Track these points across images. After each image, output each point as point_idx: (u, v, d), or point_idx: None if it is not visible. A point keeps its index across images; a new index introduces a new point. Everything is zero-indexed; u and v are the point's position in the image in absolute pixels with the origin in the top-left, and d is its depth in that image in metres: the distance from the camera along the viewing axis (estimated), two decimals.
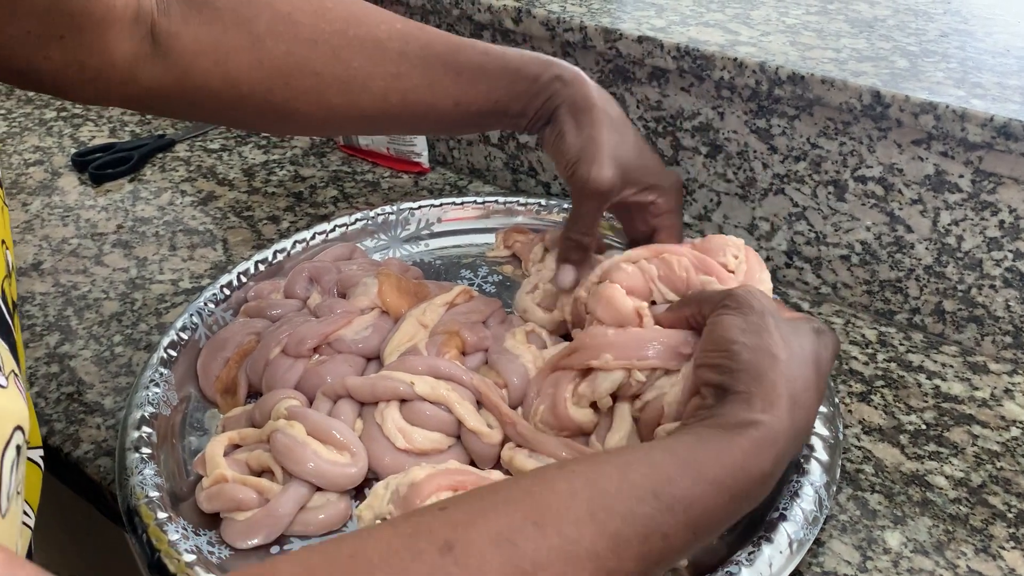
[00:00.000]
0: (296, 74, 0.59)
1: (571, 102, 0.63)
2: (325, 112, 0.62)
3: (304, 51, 0.59)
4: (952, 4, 0.87)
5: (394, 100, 0.63)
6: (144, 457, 0.58)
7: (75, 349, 0.73)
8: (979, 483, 0.61)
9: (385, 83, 0.61)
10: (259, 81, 0.59)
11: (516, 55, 0.64)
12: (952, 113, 0.66)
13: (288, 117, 0.62)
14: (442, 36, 0.63)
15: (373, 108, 0.63)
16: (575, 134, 0.63)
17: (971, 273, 0.72)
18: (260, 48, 0.58)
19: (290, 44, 0.59)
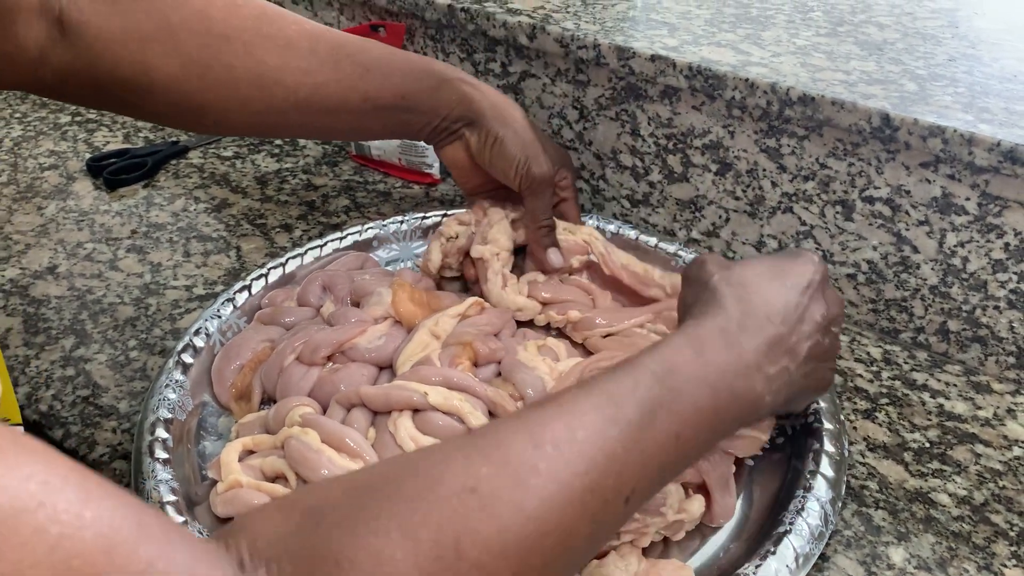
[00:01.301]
0: (210, 67, 0.61)
1: (492, 107, 0.67)
2: (238, 105, 0.64)
3: (218, 44, 0.61)
4: (960, 29, 0.88)
5: (305, 94, 0.65)
6: (160, 461, 0.59)
7: (90, 353, 0.74)
8: (982, 501, 0.62)
9: (296, 78, 0.64)
10: (173, 71, 0.61)
11: (422, 57, 0.69)
12: (960, 137, 0.67)
13: (201, 110, 0.64)
14: (351, 37, 0.66)
15: (285, 102, 0.65)
16: (513, 139, 0.69)
17: (976, 294, 0.73)
18: (174, 39, 0.60)
19: (204, 37, 0.61)
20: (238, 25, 0.62)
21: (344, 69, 0.65)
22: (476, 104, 0.68)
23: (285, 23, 0.64)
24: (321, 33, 0.65)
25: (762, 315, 0.52)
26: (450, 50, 0.93)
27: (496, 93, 0.70)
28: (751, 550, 0.55)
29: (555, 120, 0.90)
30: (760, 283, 0.54)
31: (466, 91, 0.67)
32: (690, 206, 0.85)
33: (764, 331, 0.51)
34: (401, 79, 0.67)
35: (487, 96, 0.69)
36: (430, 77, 0.67)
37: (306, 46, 0.64)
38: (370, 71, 0.66)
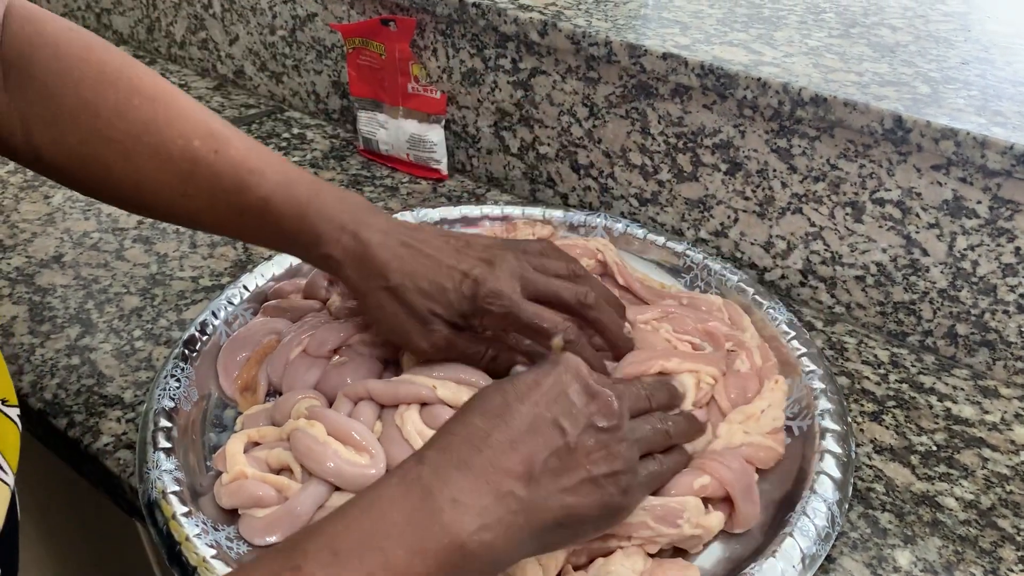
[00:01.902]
0: (90, 163, 0.58)
1: (354, 291, 0.62)
2: (120, 202, 0.62)
3: (98, 145, 0.57)
4: (973, 32, 0.88)
5: (181, 215, 0.61)
6: (165, 451, 0.59)
7: (95, 342, 0.74)
8: (989, 506, 0.62)
9: (172, 199, 0.60)
10: (58, 157, 0.58)
11: (295, 212, 0.59)
12: (972, 140, 0.66)
13: (91, 194, 0.62)
14: (233, 165, 0.59)
15: (164, 213, 0.62)
16: (381, 317, 0.61)
17: (985, 298, 0.72)
18: (59, 129, 0.57)
19: (86, 134, 0.57)
20: (123, 129, 0.57)
21: (219, 205, 0.60)
22: (344, 284, 0.63)
23: (172, 135, 0.58)
24: (203, 157, 0.58)
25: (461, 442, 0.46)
26: (460, 45, 0.93)
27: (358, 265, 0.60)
28: (757, 550, 0.55)
29: (565, 117, 0.90)
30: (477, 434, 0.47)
31: (332, 267, 0.61)
32: (699, 206, 0.85)
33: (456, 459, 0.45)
34: (272, 239, 0.63)
35: (350, 274, 0.61)
36: (298, 248, 0.62)
37: (185, 168, 0.58)
38: (243, 216, 0.60)
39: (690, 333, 0.70)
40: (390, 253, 0.60)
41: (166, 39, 1.30)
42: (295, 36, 1.11)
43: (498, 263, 0.60)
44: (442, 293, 0.59)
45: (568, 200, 0.95)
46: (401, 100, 0.98)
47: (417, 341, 0.61)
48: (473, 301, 0.59)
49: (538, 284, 0.61)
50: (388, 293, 0.60)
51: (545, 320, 0.59)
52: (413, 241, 0.61)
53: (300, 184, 0.60)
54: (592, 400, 0.49)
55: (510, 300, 0.59)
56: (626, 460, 0.49)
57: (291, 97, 1.17)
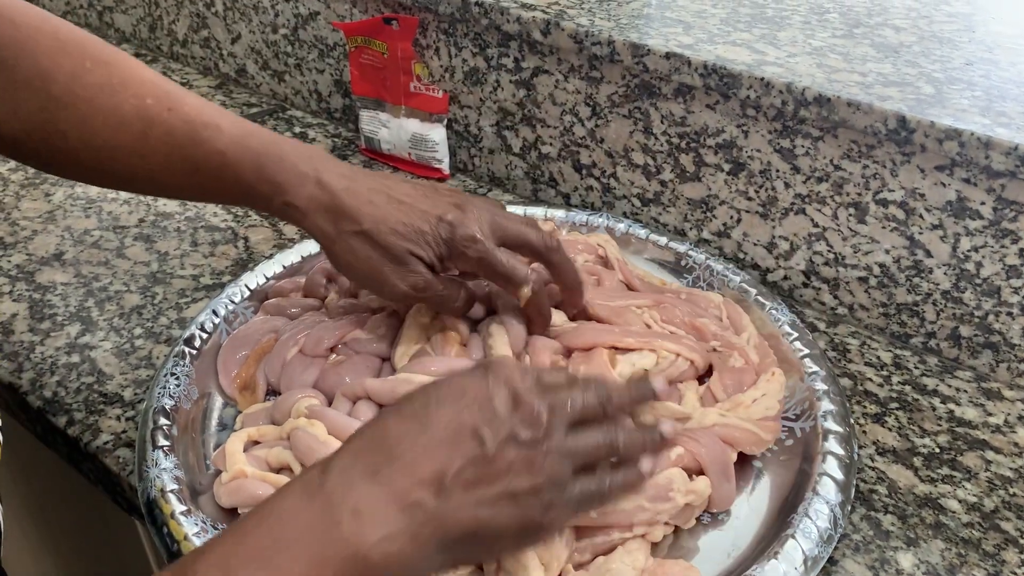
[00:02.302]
0: (48, 132, 0.58)
1: (321, 240, 0.61)
2: (80, 171, 0.61)
3: (55, 111, 0.57)
4: (977, 33, 0.87)
5: (141, 176, 0.61)
6: (164, 450, 0.58)
7: (96, 340, 0.74)
8: (992, 508, 0.61)
9: (130, 161, 0.60)
10: (15, 129, 0.58)
11: (252, 163, 0.59)
12: (977, 141, 0.66)
13: (47, 167, 0.61)
14: (187, 120, 0.59)
15: (124, 177, 0.61)
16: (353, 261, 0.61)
17: (989, 300, 0.72)
18: (16, 98, 0.57)
19: (43, 101, 0.57)
20: (78, 93, 0.57)
21: (174, 163, 0.60)
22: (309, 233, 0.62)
23: (126, 96, 0.58)
24: (157, 114, 0.59)
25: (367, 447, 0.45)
26: (463, 44, 0.93)
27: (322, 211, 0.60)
28: (759, 551, 0.55)
29: (567, 117, 0.90)
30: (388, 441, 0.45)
31: (294, 218, 0.61)
32: (701, 206, 0.85)
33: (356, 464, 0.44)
34: (230, 192, 0.61)
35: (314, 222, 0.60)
36: (258, 198, 0.61)
37: (139, 128, 0.58)
38: (199, 171, 0.60)
39: (676, 324, 0.70)
40: (359, 199, 0.60)
41: (168, 37, 1.30)
42: (297, 35, 1.11)
43: (469, 208, 0.61)
44: (419, 235, 0.59)
45: (570, 200, 0.95)
46: (403, 99, 0.98)
47: (395, 282, 0.60)
48: (450, 244, 0.60)
49: (508, 229, 0.62)
50: (361, 237, 0.59)
51: (516, 269, 0.61)
52: (381, 186, 0.61)
53: (256, 136, 0.60)
54: (517, 409, 0.46)
55: (484, 246, 0.60)
56: (551, 475, 0.46)
57: (293, 96, 1.17)
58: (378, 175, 0.63)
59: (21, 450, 0.87)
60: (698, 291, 0.75)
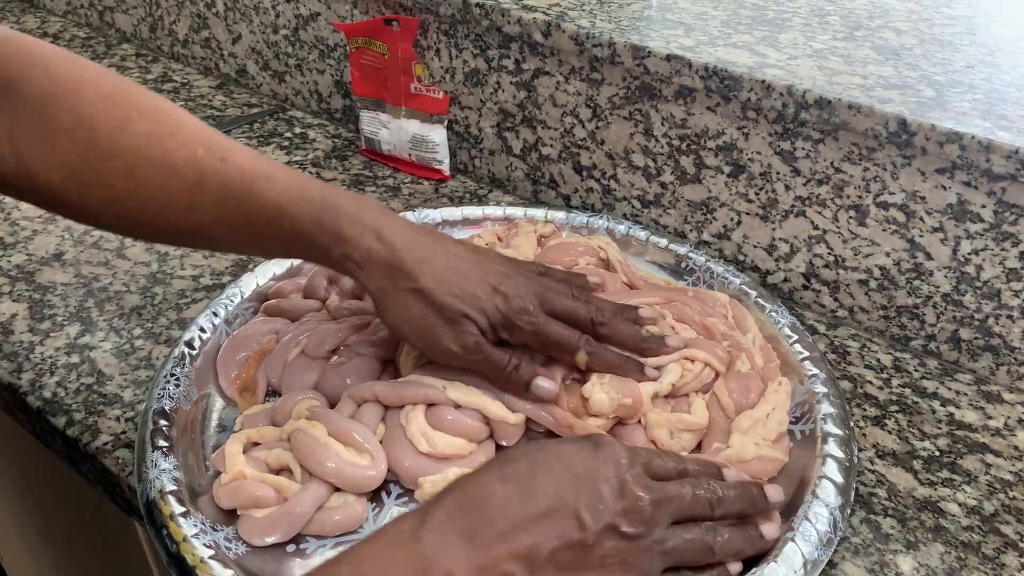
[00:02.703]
0: (89, 183, 0.56)
1: (375, 294, 0.60)
2: (122, 223, 0.59)
3: (98, 162, 0.55)
4: (978, 36, 0.87)
5: (189, 230, 0.59)
6: (164, 451, 0.58)
7: (95, 340, 0.73)
8: (992, 511, 0.61)
9: (179, 213, 0.58)
10: (54, 180, 0.55)
11: (310, 214, 0.58)
12: (977, 144, 0.66)
13: (88, 219, 0.59)
14: (241, 171, 0.58)
15: (171, 231, 0.59)
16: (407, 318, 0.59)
17: (989, 303, 0.72)
18: (55, 148, 0.55)
19: (85, 152, 0.55)
20: (124, 143, 0.55)
21: (227, 214, 0.58)
22: (362, 286, 0.60)
23: (175, 145, 0.56)
24: (209, 164, 0.57)
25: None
26: (463, 46, 0.93)
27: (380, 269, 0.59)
28: (758, 555, 0.54)
29: (568, 118, 0.90)
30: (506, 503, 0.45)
31: (351, 270, 0.59)
32: (702, 208, 0.85)
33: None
34: (287, 244, 0.60)
35: (370, 278, 0.59)
36: (315, 249, 0.59)
37: (191, 178, 0.57)
38: (255, 222, 0.58)
39: (689, 323, 0.70)
40: (417, 256, 0.59)
41: (169, 37, 1.30)
42: (298, 35, 1.11)
43: (518, 278, 0.61)
44: (475, 300, 0.59)
45: (570, 201, 0.95)
46: (404, 100, 0.98)
47: (447, 343, 0.59)
48: (504, 315, 0.59)
49: (555, 303, 0.62)
50: (416, 295, 0.59)
51: (567, 338, 0.61)
52: (438, 245, 0.61)
53: (313, 187, 0.59)
54: (622, 499, 0.46)
55: (536, 318, 0.60)
56: (643, 571, 0.46)
57: (294, 96, 1.17)
58: (436, 234, 0.62)
59: (20, 451, 0.87)
60: (705, 290, 0.75)
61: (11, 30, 0.56)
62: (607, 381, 0.61)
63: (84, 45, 1.35)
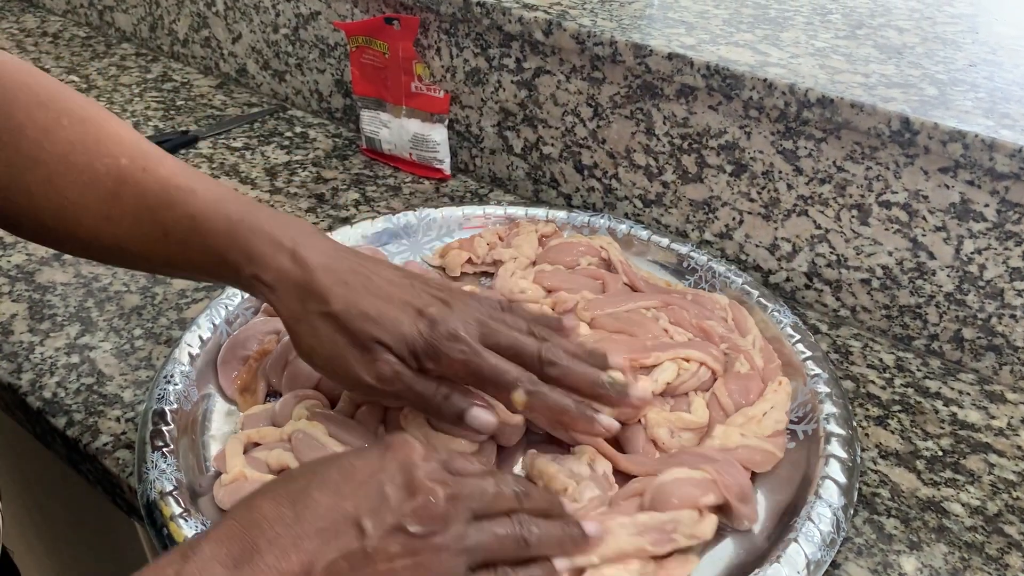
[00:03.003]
0: (12, 189, 0.54)
1: (286, 319, 0.55)
2: (43, 231, 0.57)
3: (22, 168, 0.54)
4: (980, 34, 0.87)
5: (107, 242, 0.56)
6: (164, 451, 0.58)
7: (95, 341, 0.73)
8: (995, 512, 0.61)
9: (96, 223, 0.55)
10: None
11: (224, 229, 0.54)
12: (981, 143, 0.66)
13: (14, 226, 0.57)
14: (160, 182, 0.55)
15: (88, 240, 0.57)
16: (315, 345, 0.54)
17: (992, 302, 0.72)
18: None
19: (11, 156, 0.54)
20: (49, 149, 0.54)
21: (144, 228, 0.55)
22: (275, 310, 0.55)
23: (99, 154, 0.54)
24: (130, 174, 0.55)
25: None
26: (464, 44, 0.93)
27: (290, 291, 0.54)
28: (761, 556, 0.54)
29: (569, 117, 0.90)
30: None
31: (262, 292, 0.55)
32: (704, 207, 0.85)
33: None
34: (199, 260, 0.56)
35: (279, 300, 0.54)
36: (227, 268, 0.55)
37: (110, 188, 0.54)
38: (168, 236, 0.55)
39: (684, 326, 0.70)
40: (334, 277, 0.54)
41: (169, 37, 1.29)
42: (298, 34, 1.10)
43: (456, 305, 0.55)
44: (393, 324, 0.53)
45: (571, 201, 0.95)
46: (404, 99, 0.98)
47: (359, 372, 0.53)
48: (428, 341, 0.53)
49: (499, 334, 0.55)
50: (327, 320, 0.53)
51: (504, 371, 0.53)
52: (362, 268, 0.56)
53: (233, 202, 0.56)
54: (412, 496, 0.43)
55: (470, 347, 0.53)
56: (441, 574, 0.43)
57: (294, 96, 1.17)
58: (364, 257, 0.57)
59: (20, 451, 0.87)
60: (704, 293, 0.75)
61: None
62: None
63: (84, 44, 1.35)
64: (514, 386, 0.53)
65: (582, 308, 0.71)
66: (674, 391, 0.65)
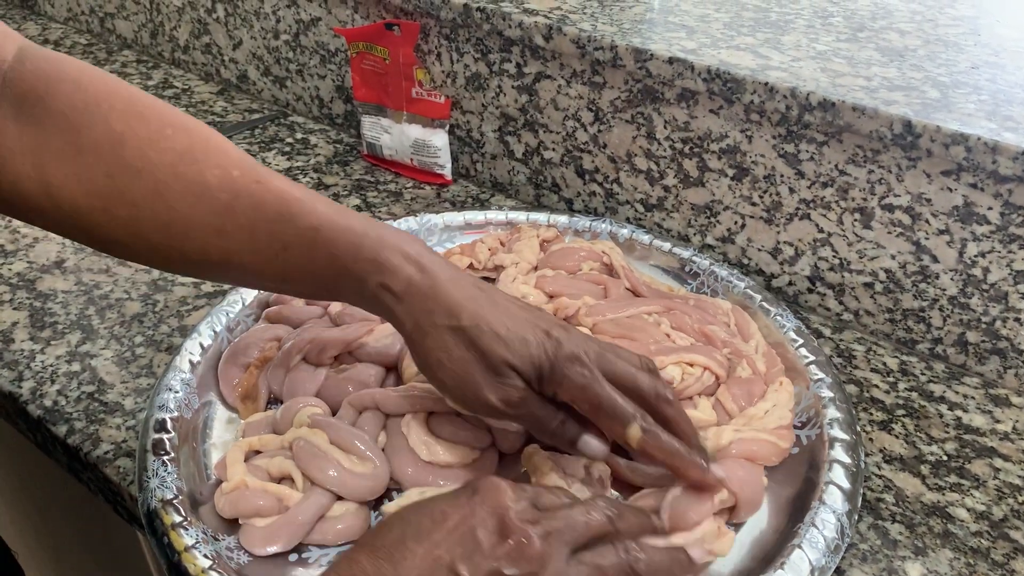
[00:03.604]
0: (114, 201, 0.52)
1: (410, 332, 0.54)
2: (145, 247, 0.54)
3: (125, 178, 0.52)
4: (982, 36, 0.87)
5: (216, 257, 0.54)
6: (165, 460, 0.58)
7: (96, 348, 0.73)
8: (1001, 517, 0.61)
9: (206, 237, 0.53)
10: (77, 197, 0.52)
11: (349, 241, 0.53)
12: (984, 145, 0.66)
13: (109, 244, 0.55)
14: (277, 194, 0.54)
15: (196, 256, 0.54)
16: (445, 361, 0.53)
17: (996, 305, 0.71)
18: (81, 163, 0.51)
19: (111, 167, 0.51)
20: (155, 159, 0.52)
21: (260, 240, 0.53)
22: (395, 323, 0.54)
23: (208, 165, 0.53)
24: (244, 185, 0.53)
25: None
26: (464, 50, 0.92)
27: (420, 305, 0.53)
28: (765, 561, 0.54)
29: (570, 122, 0.89)
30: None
31: (388, 305, 0.54)
32: (705, 211, 0.84)
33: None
34: (320, 274, 0.55)
35: (408, 312, 0.53)
36: (350, 280, 0.54)
37: (224, 200, 0.53)
38: (288, 250, 0.53)
39: (686, 331, 0.70)
40: (462, 292, 0.53)
41: (169, 43, 1.29)
42: (299, 41, 1.10)
43: (573, 331, 0.55)
44: (523, 344, 0.52)
45: (573, 205, 0.94)
46: (405, 105, 0.98)
47: (487, 394, 0.52)
48: (554, 362, 0.52)
49: (616, 366, 0.54)
50: (457, 335, 0.52)
51: (622, 403, 0.53)
52: (484, 285, 0.55)
53: (355, 216, 0.55)
54: (503, 541, 0.42)
55: (591, 372, 0.52)
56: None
57: (295, 102, 1.17)
58: (479, 280, 0.56)
59: (21, 459, 0.87)
60: (707, 298, 0.75)
61: (38, 46, 0.54)
62: None
63: (85, 52, 1.35)
64: (630, 420, 0.52)
65: (584, 314, 0.71)
66: (678, 395, 0.64)
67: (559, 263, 0.78)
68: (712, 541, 0.53)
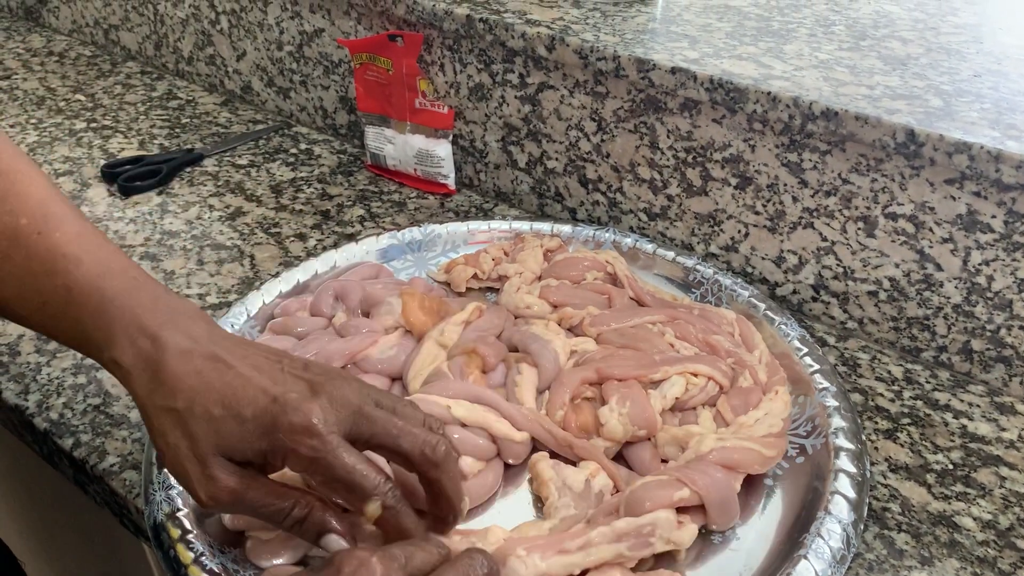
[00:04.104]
0: None
1: (141, 412, 0.49)
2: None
3: None
4: (985, 44, 0.87)
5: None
6: None
7: None
8: (1007, 526, 0.60)
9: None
10: None
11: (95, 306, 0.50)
12: (987, 154, 0.66)
13: None
14: (49, 247, 0.51)
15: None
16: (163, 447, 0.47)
17: (1001, 313, 0.71)
18: None
19: None
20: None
21: (27, 291, 0.51)
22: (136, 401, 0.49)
23: (2, 210, 0.51)
24: (26, 236, 0.51)
25: None
26: (467, 60, 0.93)
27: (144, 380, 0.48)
28: (770, 573, 0.54)
29: (573, 132, 0.90)
30: None
31: (121, 376, 0.49)
32: (709, 220, 0.84)
33: None
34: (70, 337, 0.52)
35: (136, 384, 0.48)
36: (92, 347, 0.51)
37: (2, 247, 0.51)
38: (47, 305, 0.51)
39: (690, 341, 0.70)
40: (188, 366, 0.47)
41: (174, 55, 1.30)
42: (302, 52, 1.11)
43: (325, 390, 0.48)
44: (237, 423, 0.46)
45: (576, 215, 0.95)
46: (408, 115, 0.98)
47: (195, 488, 0.47)
48: (271, 435, 0.46)
49: (375, 424, 0.48)
50: (172, 417, 0.47)
51: (361, 476, 0.46)
52: (228, 355, 0.48)
53: (117, 277, 0.51)
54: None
55: (321, 441, 0.45)
56: None
57: (299, 112, 1.17)
58: (243, 343, 0.51)
59: (27, 472, 0.87)
60: (711, 307, 0.75)
61: None
62: (625, 411, 0.61)
63: (90, 63, 1.35)
64: (370, 494, 0.47)
65: (588, 324, 0.71)
66: (683, 406, 0.64)
67: (563, 273, 0.78)
68: (669, 531, 0.53)
